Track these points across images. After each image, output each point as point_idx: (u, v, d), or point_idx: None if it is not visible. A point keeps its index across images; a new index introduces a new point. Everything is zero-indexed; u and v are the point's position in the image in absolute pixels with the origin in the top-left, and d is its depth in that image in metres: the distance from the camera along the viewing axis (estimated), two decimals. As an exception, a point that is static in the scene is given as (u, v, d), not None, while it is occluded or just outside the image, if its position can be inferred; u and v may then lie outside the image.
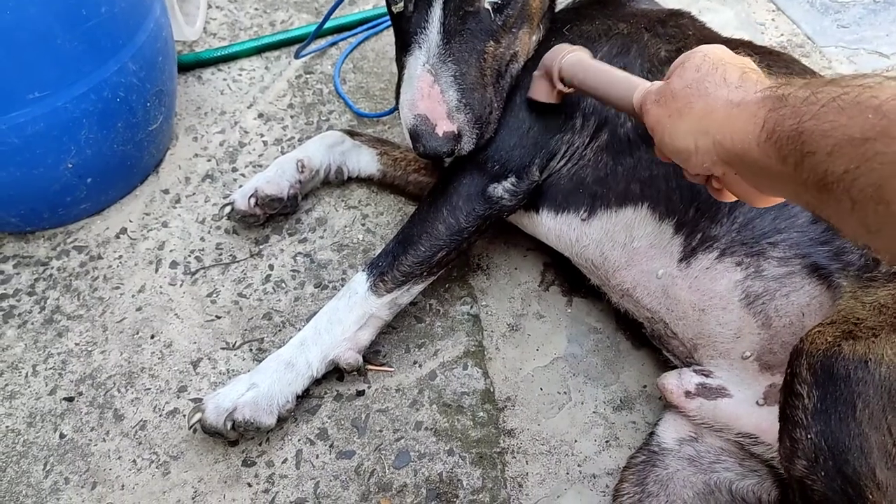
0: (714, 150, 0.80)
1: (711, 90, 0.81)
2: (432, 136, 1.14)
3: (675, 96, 0.85)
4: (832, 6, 2.07)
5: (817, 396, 0.82)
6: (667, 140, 0.87)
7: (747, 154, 0.75)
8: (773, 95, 0.73)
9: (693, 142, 0.82)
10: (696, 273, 1.13)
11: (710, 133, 0.80)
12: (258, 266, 1.49)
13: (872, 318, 0.87)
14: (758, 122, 0.73)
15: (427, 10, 1.16)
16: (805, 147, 0.67)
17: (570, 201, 1.25)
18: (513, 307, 1.44)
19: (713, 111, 0.80)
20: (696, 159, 0.83)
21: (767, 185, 0.79)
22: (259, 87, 1.87)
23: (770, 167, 0.73)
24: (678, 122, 0.84)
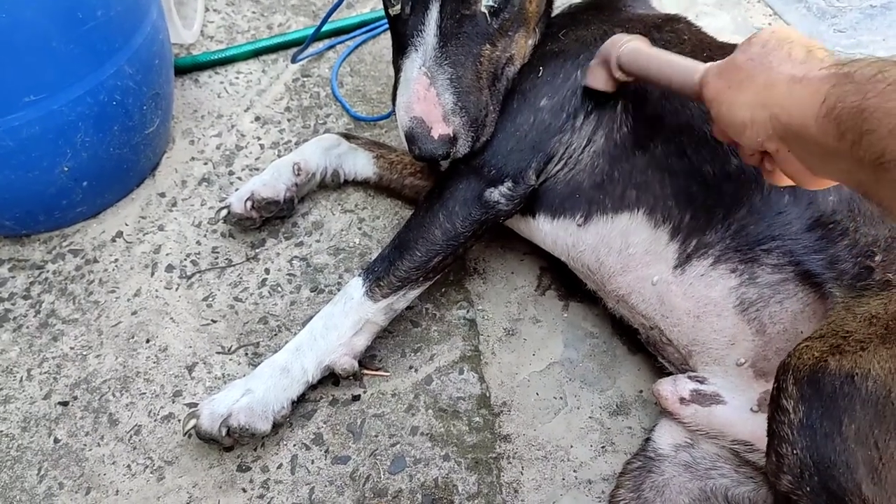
0: (770, 125, 0.81)
1: (775, 64, 0.81)
2: (428, 139, 1.14)
3: (738, 68, 0.85)
4: (829, 11, 2.07)
5: (803, 412, 0.82)
6: (724, 111, 0.87)
7: (804, 129, 0.75)
8: (839, 73, 0.73)
9: (750, 114, 0.82)
10: (691, 280, 1.13)
11: (768, 106, 0.80)
12: (254, 270, 1.49)
13: (862, 329, 0.87)
14: (819, 97, 0.73)
15: (424, 13, 1.16)
16: (865, 124, 0.67)
17: (566, 206, 1.25)
18: (509, 311, 1.44)
19: (774, 85, 0.80)
20: (750, 132, 0.84)
21: (820, 164, 0.79)
22: (256, 90, 1.87)
23: (826, 144, 0.73)
24: (738, 93, 0.84)
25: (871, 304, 0.93)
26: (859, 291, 0.98)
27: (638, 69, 1.11)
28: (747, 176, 1.11)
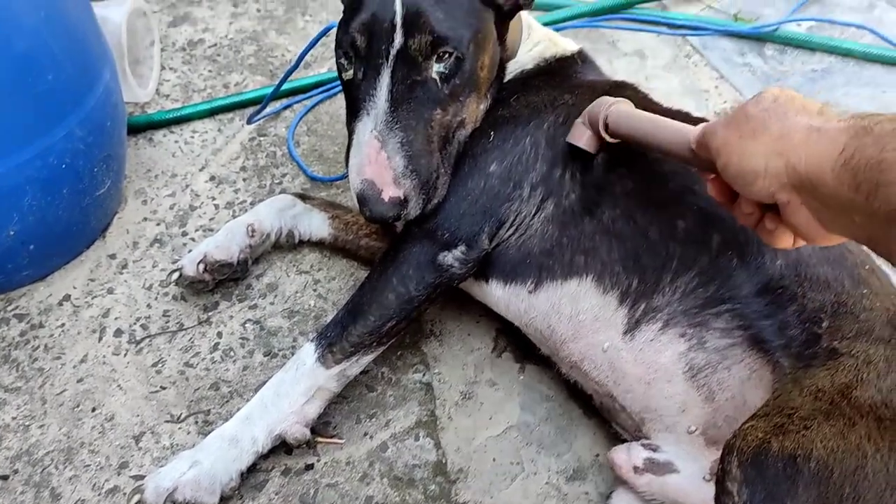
0: (785, 174, 0.80)
1: (791, 115, 0.81)
2: (379, 201, 1.15)
3: (750, 118, 0.85)
4: (773, 74, 2.13)
5: (747, 495, 0.82)
6: (734, 160, 0.86)
7: (819, 179, 0.75)
8: (858, 125, 0.74)
9: (764, 163, 0.82)
10: (641, 345, 1.13)
11: (783, 155, 0.80)
12: (206, 334, 1.46)
13: (808, 405, 0.88)
14: (837, 147, 0.74)
15: (375, 79, 1.18)
16: (882, 176, 0.68)
17: (517, 272, 1.25)
18: (466, 374, 1.43)
19: (790, 133, 0.79)
20: (762, 182, 0.83)
21: (832, 216, 0.79)
22: (211, 149, 1.86)
23: (841, 194, 0.73)
24: (750, 142, 0.84)
25: (818, 376, 0.94)
26: (807, 361, 1.00)
27: (626, 131, 1.12)
28: (694, 239, 1.13)
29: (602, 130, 1.16)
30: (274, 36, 2.23)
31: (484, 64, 1.26)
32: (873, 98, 2.06)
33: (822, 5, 2.40)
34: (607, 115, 1.15)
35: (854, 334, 1.01)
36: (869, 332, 1.01)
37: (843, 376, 0.94)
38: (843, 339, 1.00)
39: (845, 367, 0.95)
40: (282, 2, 2.36)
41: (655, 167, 1.20)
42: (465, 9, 1.23)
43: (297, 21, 2.29)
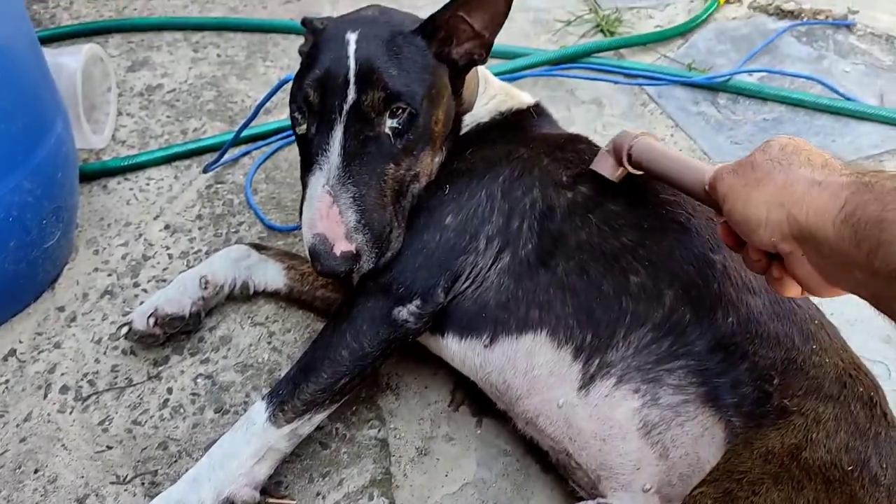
0: (786, 224, 0.80)
1: (795, 167, 0.82)
2: (330, 256, 1.15)
3: (755, 167, 0.86)
4: (726, 123, 2.18)
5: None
6: (739, 208, 0.87)
7: (820, 232, 0.76)
8: (859, 181, 0.74)
9: (766, 212, 0.82)
10: (596, 401, 1.13)
11: (785, 206, 0.80)
12: (156, 390, 1.43)
13: (757, 468, 0.88)
14: (838, 202, 0.74)
15: (328, 133, 1.19)
16: (883, 235, 0.68)
17: (473, 326, 1.24)
18: (422, 429, 1.41)
19: (793, 185, 0.80)
20: (764, 231, 0.83)
21: (834, 271, 0.79)
22: (167, 197, 1.84)
23: (842, 250, 0.73)
24: (754, 191, 0.84)
25: (769, 436, 0.94)
26: (758, 420, 1.00)
27: (647, 163, 1.16)
28: (647, 294, 1.13)
29: (625, 160, 1.19)
30: (234, 81, 2.23)
31: (438, 119, 1.27)
32: (823, 146, 2.09)
33: (773, 56, 2.46)
34: (631, 146, 1.18)
35: (804, 392, 1.01)
36: (818, 389, 1.01)
37: (793, 437, 0.94)
38: (793, 396, 1.00)
39: (795, 427, 0.96)
40: (242, 47, 2.36)
41: (608, 221, 1.20)
42: (420, 64, 1.25)
43: (257, 67, 2.29)
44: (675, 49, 2.49)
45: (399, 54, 1.23)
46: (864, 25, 2.61)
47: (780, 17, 2.66)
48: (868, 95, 2.30)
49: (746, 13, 2.70)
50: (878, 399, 1.05)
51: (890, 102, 2.28)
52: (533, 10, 2.64)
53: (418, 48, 1.26)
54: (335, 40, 1.24)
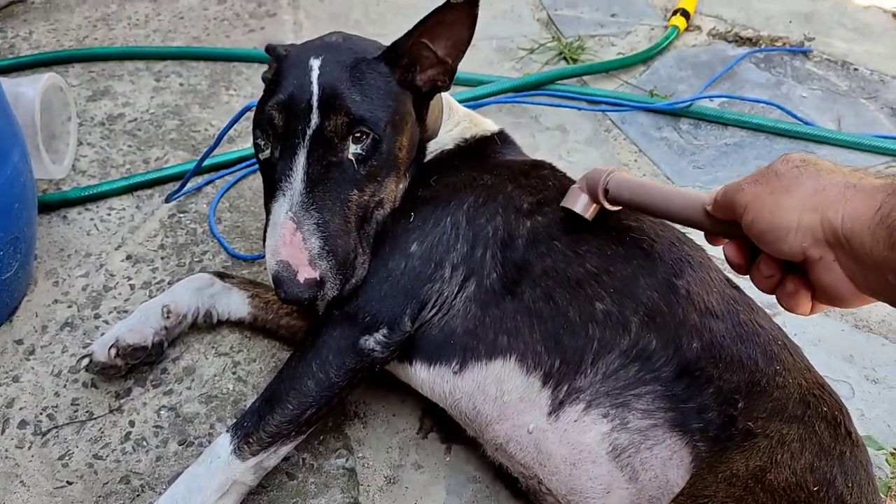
0: (820, 229, 0.79)
1: (824, 173, 0.81)
2: (294, 283, 1.14)
3: (781, 175, 0.85)
4: (688, 148, 2.21)
5: None
6: (766, 215, 0.85)
7: (855, 236, 0.75)
8: (894, 184, 0.74)
9: (797, 218, 0.81)
10: (566, 426, 1.12)
11: (818, 210, 0.79)
12: (117, 423, 1.40)
13: (722, 491, 0.88)
14: (874, 204, 0.74)
15: (292, 159, 1.18)
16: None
17: (441, 353, 1.24)
18: (390, 458, 1.39)
19: (825, 189, 0.79)
20: (793, 237, 0.82)
21: (865, 274, 0.78)
22: (129, 226, 1.82)
23: (876, 253, 0.73)
24: (783, 197, 0.83)
25: (734, 460, 0.94)
26: (723, 444, 1.00)
27: (629, 197, 1.14)
28: (613, 320, 1.14)
29: (601, 196, 1.18)
30: (197, 110, 2.21)
31: (402, 145, 1.27)
32: (783, 171, 2.14)
33: (733, 82, 2.51)
34: (607, 181, 1.17)
35: (768, 413, 1.02)
36: (782, 410, 1.02)
37: (758, 459, 0.94)
38: (758, 419, 1.01)
39: (760, 449, 0.96)
40: (205, 76, 2.35)
41: (572, 248, 1.21)
42: (383, 90, 1.25)
43: (220, 95, 2.28)
44: (638, 76, 2.54)
45: (362, 80, 1.23)
46: (821, 52, 2.68)
47: (738, 43, 2.72)
48: (826, 120, 2.35)
49: (706, 40, 2.75)
50: (841, 418, 1.06)
51: (847, 126, 2.33)
52: (496, 38, 2.67)
53: (381, 74, 1.26)
54: (298, 66, 1.24)
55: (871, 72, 2.60)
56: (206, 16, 2.68)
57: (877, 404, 1.53)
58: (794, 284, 0.88)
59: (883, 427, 1.49)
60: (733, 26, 2.81)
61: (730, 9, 2.92)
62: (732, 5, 2.95)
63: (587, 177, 1.21)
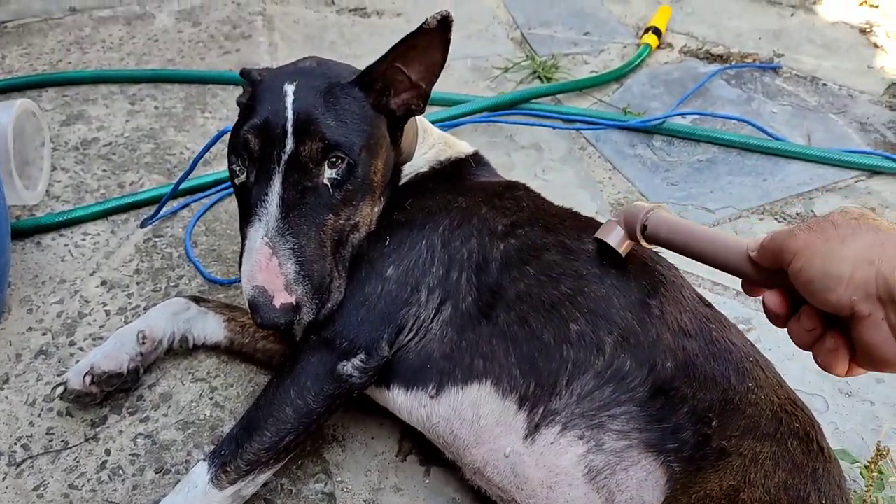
0: (873, 283, 0.76)
1: (883, 228, 0.79)
2: (270, 308, 1.14)
3: (838, 225, 0.82)
4: (662, 165, 2.23)
5: None
6: (817, 263, 0.81)
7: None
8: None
9: (850, 269, 0.78)
10: (542, 449, 1.13)
11: (875, 264, 0.77)
12: (93, 451, 1.39)
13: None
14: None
15: (267, 184, 1.19)
16: None
17: (419, 377, 1.24)
18: (370, 481, 1.39)
19: (885, 243, 0.77)
20: (843, 290, 0.78)
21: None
22: (104, 252, 1.81)
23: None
24: (838, 246, 0.80)
25: (708, 479, 0.95)
26: (697, 463, 1.01)
27: (667, 237, 1.11)
28: (588, 341, 1.14)
29: (639, 233, 1.15)
30: (172, 133, 2.21)
31: (377, 168, 1.28)
32: (755, 186, 2.17)
33: (705, 99, 2.54)
34: (646, 219, 1.14)
35: (741, 432, 1.03)
36: (755, 427, 1.03)
37: (731, 479, 0.95)
38: (731, 437, 1.02)
39: (733, 468, 0.97)
40: (180, 99, 2.35)
41: (546, 270, 1.22)
42: (357, 115, 1.25)
43: (196, 118, 2.27)
44: (611, 93, 2.56)
45: (336, 105, 1.24)
46: (790, 68, 2.73)
47: (709, 60, 2.76)
48: (796, 135, 2.39)
49: (678, 57, 2.79)
50: (814, 434, 1.07)
51: (817, 141, 2.37)
52: (471, 58, 2.69)
53: (356, 99, 1.27)
54: (273, 91, 1.24)
55: (840, 87, 2.64)
56: (181, 38, 2.68)
57: (851, 417, 1.55)
58: (834, 341, 0.84)
59: (857, 440, 1.51)
60: (704, 43, 2.85)
61: (701, 26, 2.97)
62: (703, 23, 2.99)
63: (626, 210, 1.19)
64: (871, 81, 2.68)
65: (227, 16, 2.82)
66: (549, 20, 2.96)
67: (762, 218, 2.06)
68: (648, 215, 1.14)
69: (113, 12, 2.80)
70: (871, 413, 1.56)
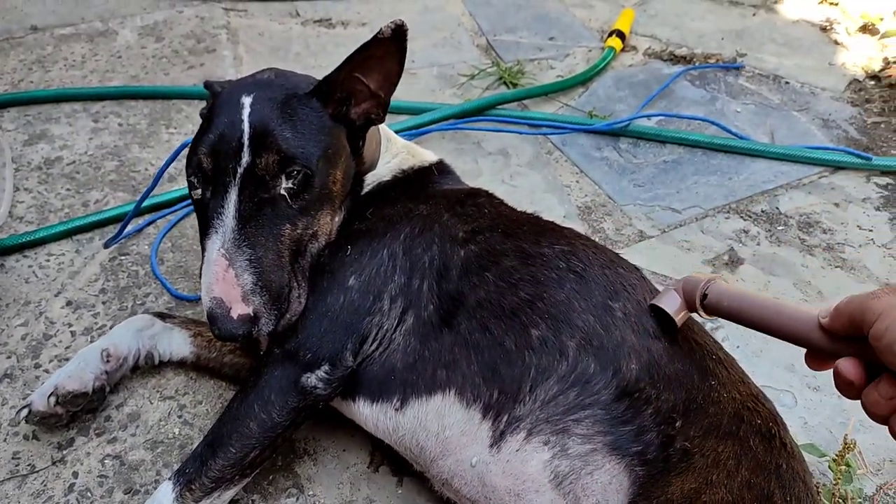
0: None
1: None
2: (227, 319, 1.14)
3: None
4: (628, 167, 2.25)
5: None
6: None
7: None
8: None
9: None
10: (508, 457, 1.13)
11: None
12: (61, 475, 1.37)
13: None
14: None
15: (223, 197, 1.19)
16: None
17: (383, 389, 1.23)
18: (342, 494, 1.38)
19: None
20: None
21: None
22: (68, 272, 1.79)
23: None
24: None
25: (670, 483, 0.95)
26: (660, 466, 1.01)
27: (727, 308, 1.08)
28: (550, 346, 1.15)
29: (698, 303, 1.13)
30: (137, 150, 2.19)
31: (336, 179, 1.28)
32: (721, 185, 2.19)
33: (669, 100, 2.56)
34: (707, 288, 1.12)
35: (704, 431, 1.03)
36: (717, 427, 1.04)
37: (693, 482, 0.95)
38: (694, 437, 1.03)
39: (695, 470, 0.97)
40: (145, 115, 2.34)
41: (504, 276, 1.22)
42: (315, 126, 1.25)
43: (160, 134, 2.26)
44: (577, 97, 2.58)
45: (293, 116, 1.24)
46: (752, 67, 2.76)
47: (673, 62, 2.79)
48: (759, 133, 2.42)
49: (642, 60, 2.81)
50: (777, 429, 1.08)
51: (780, 139, 2.39)
52: (437, 66, 2.69)
53: (313, 110, 1.27)
54: (230, 104, 1.24)
55: (802, 84, 2.68)
56: (145, 54, 2.66)
57: (819, 411, 1.57)
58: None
59: (826, 434, 1.52)
60: (668, 45, 2.88)
61: (664, 28, 3.00)
62: (666, 25, 3.02)
63: (685, 280, 1.17)
64: (833, 78, 2.72)
65: (190, 30, 2.81)
66: (514, 26, 2.97)
67: (728, 217, 2.08)
68: (708, 286, 1.12)
69: (75, 30, 2.78)
70: (839, 406, 1.58)
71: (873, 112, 2.54)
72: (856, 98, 2.61)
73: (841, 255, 1.96)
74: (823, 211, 2.11)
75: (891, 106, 2.54)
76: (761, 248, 1.97)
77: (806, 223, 2.06)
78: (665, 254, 1.94)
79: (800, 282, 1.87)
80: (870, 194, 2.18)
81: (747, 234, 2.02)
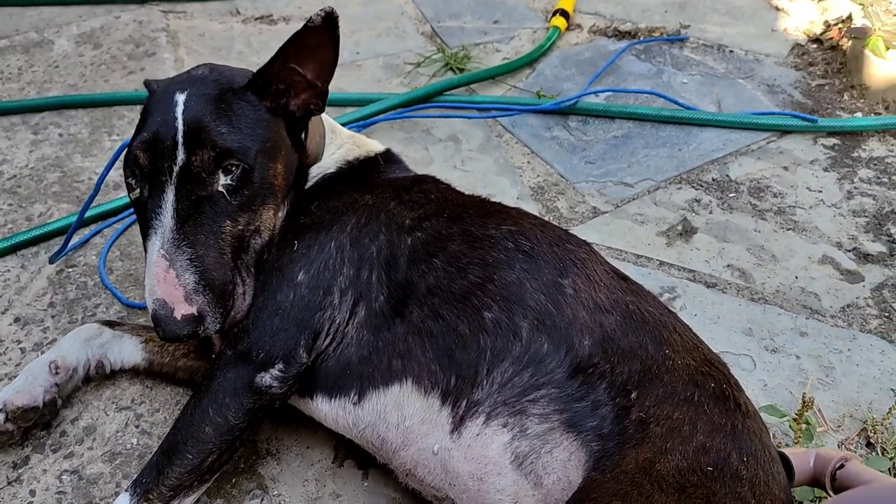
0: None
1: None
2: (171, 320, 1.13)
3: None
4: (578, 145, 2.25)
5: None
6: None
7: None
8: None
9: None
10: (469, 441, 1.12)
11: None
12: (17, 494, 1.33)
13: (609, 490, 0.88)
14: None
15: (161, 197, 1.17)
16: None
17: (340, 384, 1.22)
18: (307, 491, 1.37)
19: None
20: None
21: None
22: (14, 288, 1.74)
23: None
24: None
25: (625, 455, 0.95)
26: (617, 439, 1.01)
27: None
28: (503, 328, 1.14)
29: (828, 479, 1.12)
30: (79, 160, 2.15)
31: (277, 172, 1.26)
32: (671, 156, 2.20)
33: (616, 76, 2.57)
34: (835, 472, 1.12)
35: (658, 400, 1.03)
36: (673, 394, 1.04)
37: (647, 452, 0.95)
38: (650, 407, 1.03)
39: (651, 440, 0.97)
40: (86, 124, 2.29)
41: (453, 261, 1.21)
42: (251, 119, 1.23)
43: (103, 142, 2.21)
44: (524, 79, 2.57)
45: (229, 111, 1.21)
46: (697, 38, 2.78)
47: (618, 38, 2.80)
48: (707, 103, 2.44)
49: (587, 37, 2.82)
50: (730, 390, 1.09)
51: (727, 107, 2.42)
52: (382, 56, 2.67)
53: (249, 103, 1.25)
54: (163, 102, 1.22)
55: (746, 52, 2.70)
56: (83, 62, 2.60)
57: (777, 373, 1.58)
58: None
59: (785, 394, 1.54)
60: (612, 21, 2.89)
61: (607, 4, 3.00)
62: (610, 1, 3.03)
63: (819, 454, 1.16)
64: (776, 44, 2.75)
65: (129, 35, 2.75)
66: (457, 12, 2.96)
67: (680, 187, 2.09)
68: (838, 471, 1.12)
69: (9, 42, 2.70)
70: (797, 367, 1.60)
71: (817, 75, 2.57)
72: (799, 62, 2.64)
73: (792, 218, 1.98)
74: (773, 175, 2.13)
75: (833, 68, 2.58)
76: (714, 216, 1.99)
77: (756, 188, 2.08)
78: (619, 228, 1.95)
79: (753, 246, 1.89)
80: (818, 156, 2.20)
81: (699, 203, 2.03)
